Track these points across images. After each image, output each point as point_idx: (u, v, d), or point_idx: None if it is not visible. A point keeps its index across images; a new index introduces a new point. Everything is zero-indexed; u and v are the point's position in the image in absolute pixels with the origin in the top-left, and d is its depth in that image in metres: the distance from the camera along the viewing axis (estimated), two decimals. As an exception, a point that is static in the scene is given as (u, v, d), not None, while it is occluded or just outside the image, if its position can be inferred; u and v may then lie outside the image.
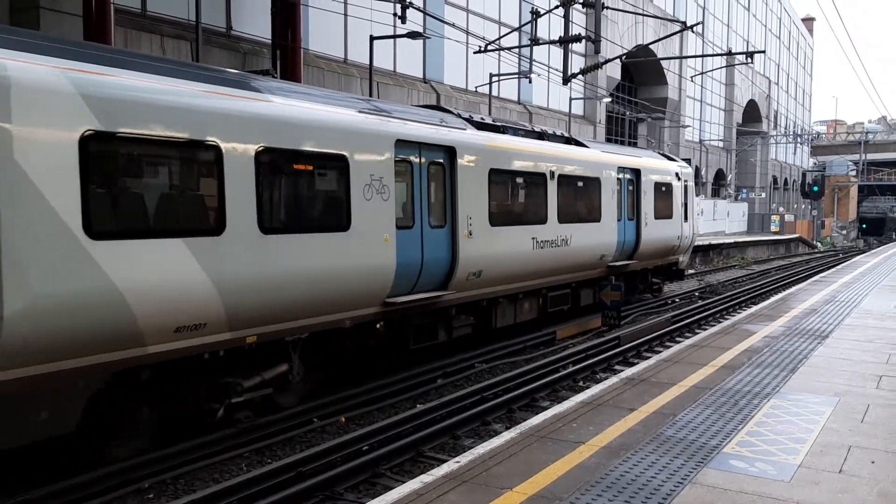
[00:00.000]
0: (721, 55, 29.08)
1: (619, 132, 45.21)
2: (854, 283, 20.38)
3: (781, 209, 67.61)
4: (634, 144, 45.01)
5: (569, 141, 16.29)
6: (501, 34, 27.12)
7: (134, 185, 7.41)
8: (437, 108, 13.40)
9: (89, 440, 7.40)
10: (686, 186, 20.92)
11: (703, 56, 32.54)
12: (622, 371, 10.19)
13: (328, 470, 7.52)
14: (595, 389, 8.51)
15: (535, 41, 21.52)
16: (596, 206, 16.17)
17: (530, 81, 32.08)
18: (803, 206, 75.54)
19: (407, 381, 11.16)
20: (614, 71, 39.65)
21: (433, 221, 11.33)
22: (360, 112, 9.98)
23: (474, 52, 24.55)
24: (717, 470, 5.89)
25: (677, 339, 15.32)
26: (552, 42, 22.13)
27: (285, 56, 18.52)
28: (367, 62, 21.45)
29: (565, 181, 14.87)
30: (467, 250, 11.80)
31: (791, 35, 78.38)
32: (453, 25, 22.23)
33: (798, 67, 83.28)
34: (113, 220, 7.04)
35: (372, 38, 20.99)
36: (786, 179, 77.12)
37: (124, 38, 16.07)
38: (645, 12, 37.71)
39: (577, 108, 37.69)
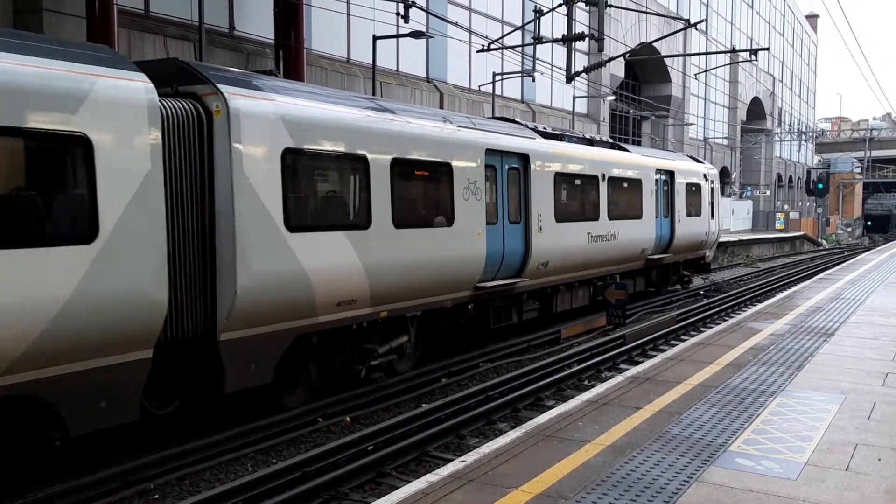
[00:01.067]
0: (725, 53, 29.05)
1: (623, 130, 45.15)
2: (859, 281, 20.33)
3: (786, 207, 67.52)
4: (638, 142, 44.95)
5: (612, 146, 18.07)
6: (504, 33, 27.10)
7: (314, 188, 9.52)
8: (507, 119, 15.66)
9: (273, 389, 9.14)
10: (713, 187, 22.80)
11: (706, 54, 32.52)
12: (627, 370, 10.19)
13: (333, 470, 7.52)
14: (600, 388, 8.50)
15: (538, 40, 21.51)
16: (638, 204, 18.02)
17: (533, 80, 32.06)
18: (808, 204, 75.42)
19: (412, 381, 11.16)
20: (618, 69, 39.59)
21: (511, 218, 13.29)
22: (459, 127, 12.07)
23: (477, 51, 24.54)
24: (723, 468, 5.87)
25: (682, 337, 15.29)
26: (555, 40, 22.12)
27: (288, 56, 18.54)
28: (371, 62, 21.46)
29: (614, 182, 16.80)
30: (538, 243, 13.76)
31: (795, 32, 78.22)
32: (456, 24, 22.22)
33: (802, 64, 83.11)
34: (302, 217, 9.06)
35: (375, 38, 21.00)
36: (790, 177, 76.97)
37: (127, 39, 16.08)
38: (648, 10, 37.65)
39: (581, 106, 37.64)
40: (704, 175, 22.15)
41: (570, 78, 21.47)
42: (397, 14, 18.97)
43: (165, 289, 7.34)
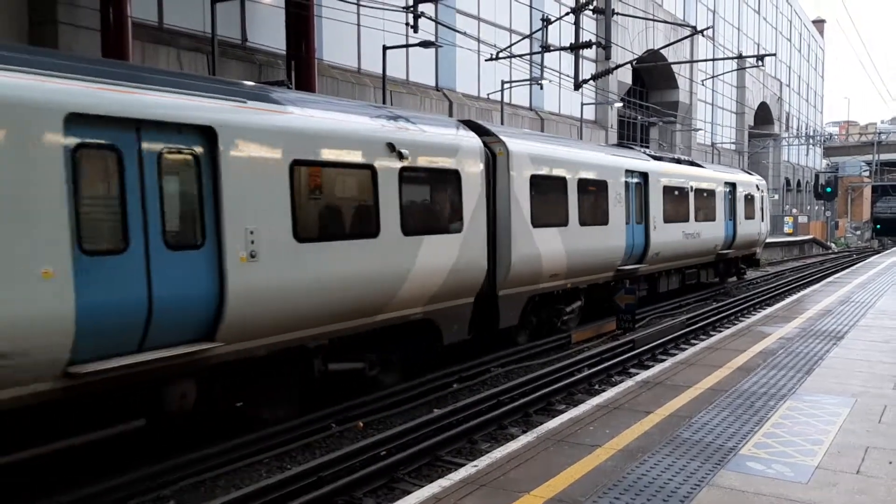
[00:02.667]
0: (732, 58, 29.08)
1: (631, 136, 45.15)
2: (869, 284, 20.30)
3: (794, 211, 67.25)
4: (646, 148, 44.92)
5: (692, 164, 22.54)
6: (513, 41, 27.22)
7: (544, 199, 13.75)
8: (625, 146, 20.54)
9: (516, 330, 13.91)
10: (762, 195, 27.25)
11: (713, 60, 32.49)
12: (637, 374, 10.24)
13: (347, 475, 7.59)
14: (611, 392, 8.56)
15: (546, 48, 21.61)
16: (713, 209, 22.27)
17: (542, 88, 32.13)
18: (816, 208, 75.12)
19: (423, 386, 11.24)
20: (625, 76, 39.63)
21: (637, 220, 17.55)
22: (608, 154, 16.76)
23: (486, 60, 24.68)
24: (733, 472, 5.93)
25: (692, 341, 15.33)
26: (563, 48, 22.21)
27: (300, 66, 18.68)
28: (381, 71, 21.60)
29: (698, 192, 21.10)
30: (654, 238, 18.13)
31: (802, 37, 78.07)
32: (465, 34, 22.36)
33: (809, 69, 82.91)
34: (538, 218, 13.47)
35: (385, 48, 21.13)
36: (798, 181, 76.70)
37: (141, 51, 16.27)
38: (655, 17, 37.72)
39: (589, 112, 37.69)
40: (756, 185, 26.63)
41: (577, 85, 21.57)
42: (407, 24, 19.13)
43: (485, 261, 11.93)
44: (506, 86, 28.12)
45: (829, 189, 61.00)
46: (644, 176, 17.90)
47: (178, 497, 7.44)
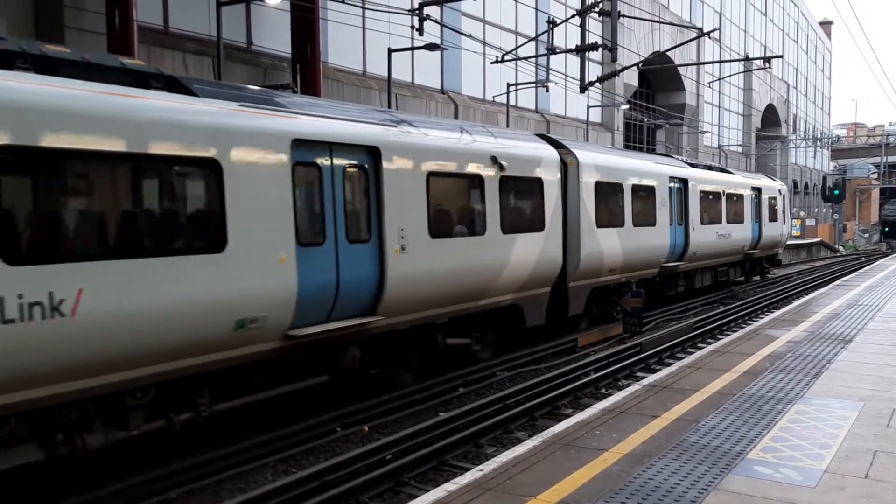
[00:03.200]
0: (738, 60, 29.02)
1: (638, 139, 45.09)
2: (877, 287, 20.20)
3: (802, 213, 67.02)
4: (652, 151, 44.89)
5: (722, 170, 24.19)
6: (518, 44, 27.20)
7: (605, 203, 15.68)
8: (666, 155, 22.62)
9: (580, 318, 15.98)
10: (784, 200, 29.34)
11: (720, 62, 32.45)
12: (644, 378, 10.19)
13: (352, 479, 7.58)
14: (617, 396, 8.52)
15: (551, 50, 21.59)
16: (742, 212, 24.19)
17: (547, 90, 32.11)
18: (824, 210, 74.82)
19: (429, 390, 11.21)
20: (631, 78, 39.58)
21: (678, 221, 19.49)
22: (656, 163, 18.84)
23: (491, 63, 24.67)
24: (741, 476, 5.89)
25: (699, 344, 15.26)
26: (569, 51, 22.18)
27: (305, 70, 18.71)
28: (386, 74, 21.62)
29: (729, 196, 22.99)
30: (693, 238, 20.02)
31: (809, 39, 77.88)
32: (470, 36, 22.35)
33: (816, 71, 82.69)
34: (600, 219, 15.40)
35: (390, 51, 21.16)
36: (806, 183, 76.47)
37: (147, 55, 16.31)
38: (661, 19, 37.68)
39: (595, 115, 37.65)
40: (778, 190, 28.73)
41: (583, 88, 21.53)
42: (412, 27, 19.12)
43: (561, 255, 13.89)
44: (511, 88, 28.11)
45: (836, 191, 60.77)
46: (684, 182, 19.86)
47: (183, 500, 7.43)
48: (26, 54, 6.74)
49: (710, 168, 23.05)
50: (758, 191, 26.10)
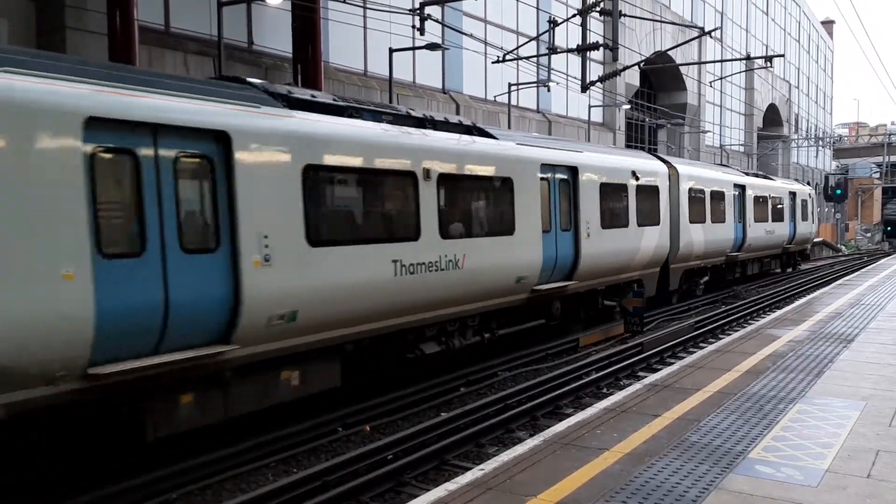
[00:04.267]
0: (740, 60, 28.98)
1: (639, 139, 45.04)
2: (879, 286, 20.17)
3: (805, 213, 66.74)
4: (654, 150, 44.86)
5: (765, 177, 28.94)
6: (519, 44, 27.17)
7: (694, 204, 20.21)
8: (726, 165, 29.49)
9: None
10: (812, 202, 34.41)
11: (721, 61, 32.36)
12: (646, 377, 10.18)
13: (353, 479, 7.58)
14: (619, 396, 8.51)
15: (553, 50, 21.55)
16: (782, 212, 28.97)
17: (549, 90, 32.07)
18: (826, 210, 74.72)
19: (431, 390, 11.21)
20: (633, 78, 39.53)
21: (738, 220, 23.91)
22: (725, 173, 23.88)
23: (493, 62, 24.63)
24: (742, 475, 5.87)
25: (700, 344, 15.24)
26: (570, 50, 22.15)
27: (306, 69, 18.68)
28: (387, 74, 21.60)
29: (772, 199, 27.73)
30: (749, 233, 24.79)
31: (811, 38, 77.73)
32: (471, 36, 22.33)
33: (818, 70, 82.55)
34: (692, 216, 19.99)
35: (391, 51, 21.13)
36: (808, 183, 76.31)
37: (148, 55, 16.32)
38: (662, 19, 37.64)
39: (597, 115, 37.61)
40: (809, 194, 33.98)
41: (585, 87, 21.51)
42: (413, 27, 19.09)
43: (669, 244, 18.37)
44: (513, 88, 28.08)
45: (838, 191, 60.69)
46: (742, 188, 24.50)
47: (185, 500, 7.43)
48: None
49: (756, 176, 28.23)
50: (793, 194, 31.02)
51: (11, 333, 6.08)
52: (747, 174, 26.61)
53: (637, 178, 16.65)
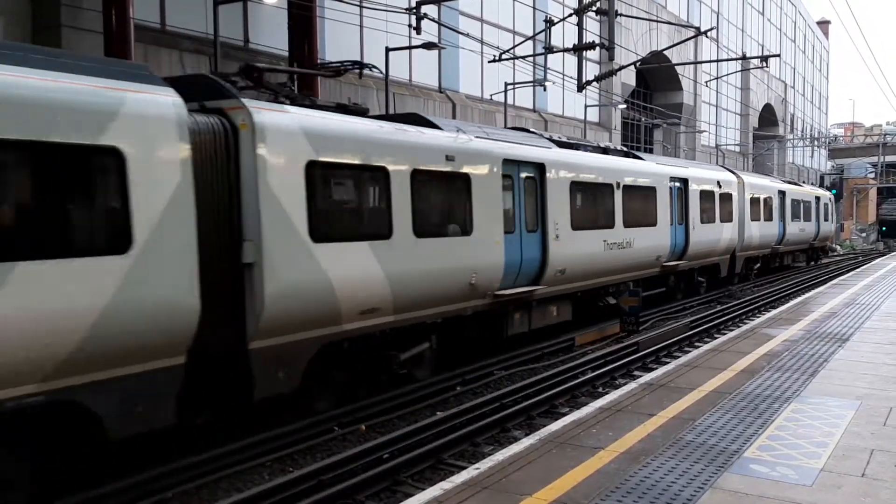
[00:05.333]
0: (736, 59, 29.05)
1: (635, 138, 45.09)
2: (874, 286, 20.23)
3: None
4: (650, 150, 44.87)
5: (795, 183, 34.74)
6: (516, 43, 27.15)
7: (755, 205, 25.59)
8: (766, 174, 32.23)
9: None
10: (832, 204, 39.47)
11: (717, 61, 32.42)
12: (641, 376, 10.19)
13: (349, 478, 7.57)
14: (614, 395, 8.52)
15: (549, 49, 21.56)
16: (810, 213, 33.75)
17: (545, 89, 32.09)
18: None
19: (426, 389, 11.21)
20: (629, 77, 39.57)
21: (780, 218, 28.51)
22: (772, 181, 29.30)
23: (489, 62, 24.60)
24: (737, 475, 5.89)
25: (696, 343, 15.26)
26: (566, 50, 22.15)
27: (302, 68, 18.64)
28: (383, 73, 21.58)
29: (804, 202, 32.54)
30: (787, 230, 29.52)
31: (806, 38, 77.87)
32: (468, 35, 22.33)
33: (814, 70, 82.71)
34: (752, 216, 25.25)
35: (388, 50, 21.11)
36: (803, 183, 76.44)
37: (144, 53, 16.27)
38: (659, 19, 37.68)
39: (593, 114, 37.64)
40: (829, 198, 39.12)
41: (581, 87, 21.51)
42: (410, 26, 19.08)
43: (737, 238, 23.39)
44: (509, 87, 28.09)
45: (834, 191, 60.74)
46: (783, 193, 29.36)
47: (180, 499, 7.42)
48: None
49: (789, 182, 33.49)
50: (818, 199, 36.14)
51: (490, 269, 11.85)
52: (784, 181, 32.61)
53: (720, 187, 22.03)
